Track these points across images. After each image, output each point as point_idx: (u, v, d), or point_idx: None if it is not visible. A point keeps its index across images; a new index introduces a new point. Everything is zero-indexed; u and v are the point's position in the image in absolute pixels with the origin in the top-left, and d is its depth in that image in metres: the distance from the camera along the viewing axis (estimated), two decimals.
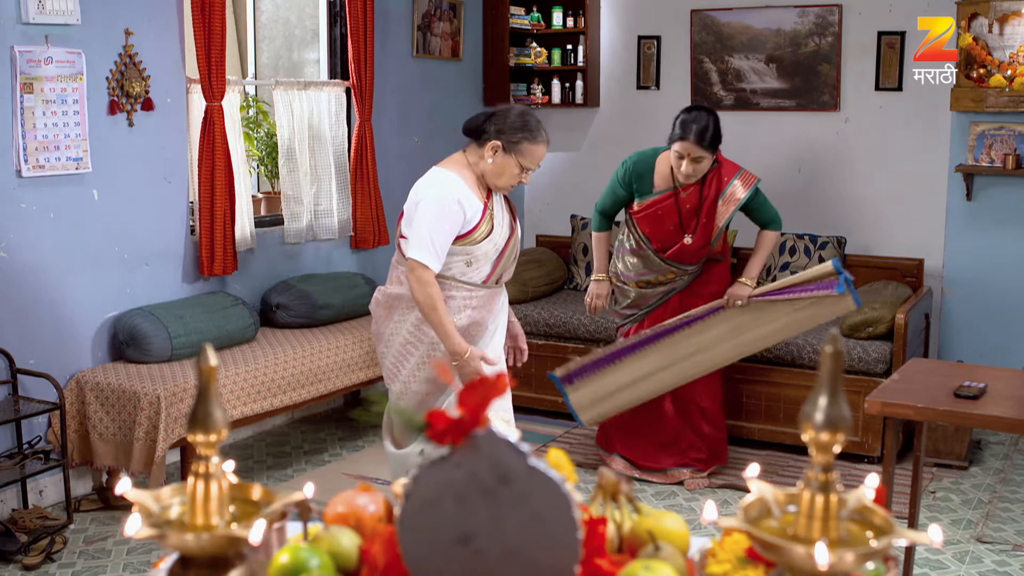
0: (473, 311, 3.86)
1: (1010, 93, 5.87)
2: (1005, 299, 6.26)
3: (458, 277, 3.84)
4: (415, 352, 3.89)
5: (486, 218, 3.83)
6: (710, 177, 5.01)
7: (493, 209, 3.89)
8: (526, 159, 3.83)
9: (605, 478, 1.63)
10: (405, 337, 3.90)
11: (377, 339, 4.02)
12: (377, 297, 3.99)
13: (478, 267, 3.85)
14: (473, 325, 3.86)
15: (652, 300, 5.20)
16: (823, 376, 1.32)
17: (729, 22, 6.91)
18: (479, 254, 3.83)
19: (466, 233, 3.78)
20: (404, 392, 3.92)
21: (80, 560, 4.36)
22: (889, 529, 1.34)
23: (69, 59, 4.73)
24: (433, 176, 3.86)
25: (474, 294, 3.86)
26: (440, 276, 3.79)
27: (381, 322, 3.97)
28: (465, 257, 3.82)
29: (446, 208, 3.73)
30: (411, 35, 6.77)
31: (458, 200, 3.75)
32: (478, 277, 3.87)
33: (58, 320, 4.85)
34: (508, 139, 3.81)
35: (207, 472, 1.39)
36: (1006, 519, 4.81)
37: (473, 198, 3.80)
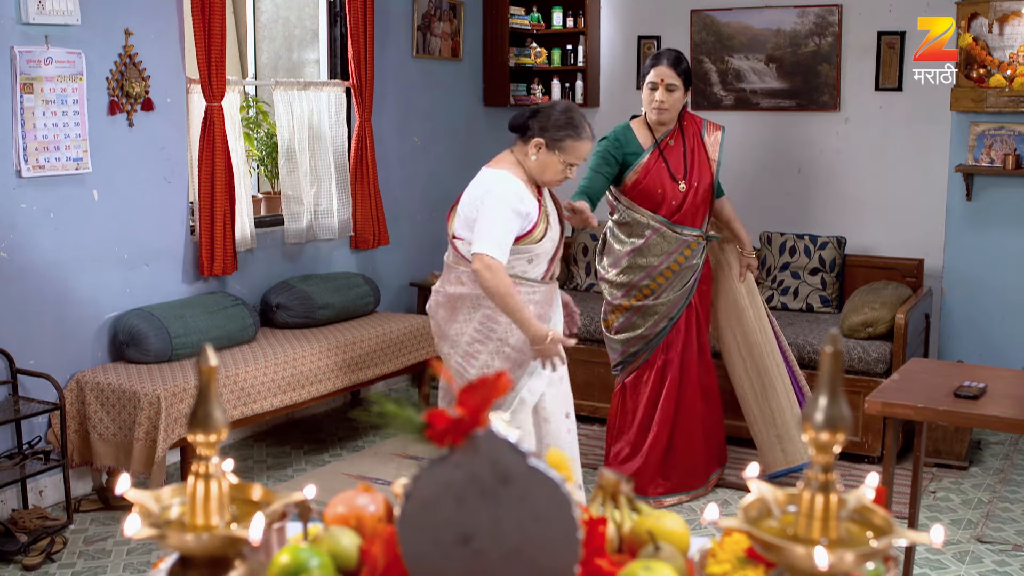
0: (536, 306, 3.92)
1: (1010, 93, 5.87)
2: (1005, 299, 6.26)
3: (520, 275, 3.90)
4: (483, 350, 3.92)
5: (542, 216, 3.89)
6: (686, 124, 4.98)
7: (547, 207, 3.95)
8: (570, 156, 3.87)
9: (605, 478, 1.63)
10: (472, 336, 3.92)
11: (441, 340, 4.03)
12: (437, 299, 4.01)
13: (537, 264, 3.93)
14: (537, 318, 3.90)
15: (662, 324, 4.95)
16: (823, 376, 1.32)
17: (729, 22, 6.91)
18: (540, 251, 3.91)
19: (527, 232, 3.84)
20: None
21: (80, 560, 4.36)
22: (889, 529, 1.34)
23: (69, 59, 4.73)
24: (491, 176, 3.89)
25: (536, 289, 3.94)
26: None
27: (444, 323, 3.99)
28: (527, 255, 3.88)
29: (510, 206, 3.78)
30: (411, 35, 6.77)
31: (520, 198, 3.81)
32: (536, 274, 3.94)
33: (58, 320, 4.85)
34: (552, 136, 3.84)
35: (207, 472, 1.39)
36: (1006, 519, 4.81)
37: (529, 196, 3.85)
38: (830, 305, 6.29)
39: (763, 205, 6.77)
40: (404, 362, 5.88)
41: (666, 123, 4.89)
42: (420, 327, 6.02)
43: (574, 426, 4.21)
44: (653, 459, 4.96)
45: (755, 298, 5.19)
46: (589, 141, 3.94)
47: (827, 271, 6.31)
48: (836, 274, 6.34)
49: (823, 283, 6.30)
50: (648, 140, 4.92)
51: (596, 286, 6.93)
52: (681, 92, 4.84)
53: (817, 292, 6.30)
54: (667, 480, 5.01)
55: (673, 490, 5.02)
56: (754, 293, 5.20)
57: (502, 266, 3.74)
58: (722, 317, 5.20)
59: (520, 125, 3.93)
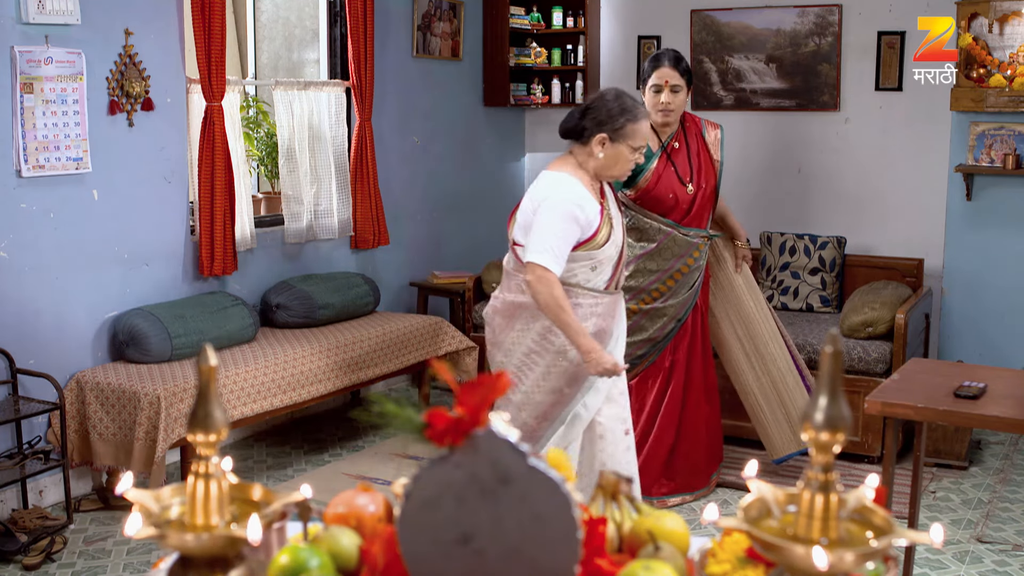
0: (599, 318, 3.79)
1: (1010, 93, 5.87)
2: (1005, 299, 6.26)
3: (583, 284, 3.77)
4: (540, 362, 3.80)
5: (604, 220, 3.77)
6: (688, 125, 4.95)
7: (609, 210, 3.83)
8: (634, 140, 3.76)
9: (605, 478, 1.63)
10: (529, 346, 3.81)
11: (495, 348, 3.91)
12: (495, 305, 3.90)
13: (601, 271, 3.80)
14: (599, 332, 3.79)
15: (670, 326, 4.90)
16: (823, 376, 1.32)
17: (729, 22, 6.92)
18: (603, 258, 3.77)
19: (589, 238, 3.72)
20: (526, 403, 3.82)
21: (80, 560, 4.36)
22: (889, 529, 1.34)
23: (69, 59, 4.73)
24: (551, 179, 3.78)
25: (599, 300, 3.80)
26: (566, 284, 3.71)
27: (500, 331, 3.87)
28: (589, 262, 3.75)
29: (567, 212, 3.66)
30: (411, 35, 6.77)
31: (578, 203, 3.68)
32: (600, 283, 3.81)
33: (58, 320, 4.85)
34: (612, 128, 3.73)
35: (207, 472, 1.39)
36: (1006, 519, 4.81)
37: (591, 200, 3.73)
38: (830, 305, 6.29)
39: (763, 205, 6.77)
40: (404, 362, 5.88)
41: (671, 125, 4.86)
42: (420, 327, 6.02)
43: (632, 443, 4.08)
44: (657, 460, 4.95)
45: (753, 289, 5.19)
46: (646, 118, 3.84)
47: (827, 271, 6.31)
48: (836, 274, 6.34)
49: (823, 283, 6.30)
50: (654, 144, 4.85)
51: None
52: (684, 92, 4.82)
53: (817, 292, 6.30)
54: (671, 480, 5.01)
55: (677, 490, 5.01)
56: (752, 284, 5.20)
57: (555, 277, 3.62)
58: (719, 310, 5.18)
59: (573, 128, 3.81)
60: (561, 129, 3.86)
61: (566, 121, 3.85)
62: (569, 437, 3.88)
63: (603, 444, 3.94)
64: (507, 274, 3.90)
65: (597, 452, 3.94)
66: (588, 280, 3.77)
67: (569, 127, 3.82)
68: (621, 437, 3.98)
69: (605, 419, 3.93)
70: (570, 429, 3.86)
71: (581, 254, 3.71)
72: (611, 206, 3.85)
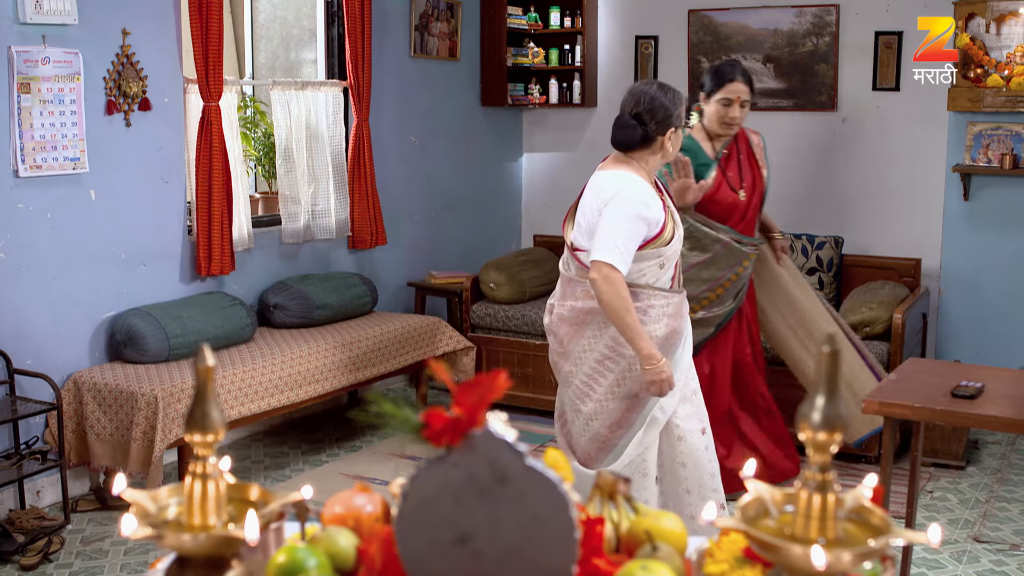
0: (670, 319, 3.71)
1: (1007, 93, 5.87)
2: (1002, 299, 6.27)
3: (653, 284, 3.70)
4: (614, 368, 3.71)
5: (668, 215, 3.72)
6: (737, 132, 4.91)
7: (670, 207, 3.79)
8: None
9: (603, 478, 1.63)
10: (602, 353, 3.72)
11: (562, 358, 3.82)
12: (560, 313, 3.81)
13: (668, 268, 3.74)
14: (672, 334, 3.72)
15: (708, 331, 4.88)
16: (821, 376, 1.32)
17: (726, 22, 6.92)
18: (670, 254, 3.72)
19: (656, 235, 3.66)
20: (599, 412, 3.74)
21: (77, 560, 4.36)
22: (886, 529, 1.34)
23: (66, 59, 4.73)
24: (613, 178, 3.70)
25: (669, 300, 3.72)
26: (636, 285, 3.66)
27: (568, 340, 3.78)
28: (658, 260, 3.69)
29: (635, 210, 3.59)
30: (408, 35, 6.77)
31: (644, 201, 3.63)
32: (667, 281, 3.75)
33: (55, 320, 4.84)
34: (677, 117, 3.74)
35: (204, 472, 1.39)
36: (1003, 519, 4.82)
37: (655, 198, 3.69)
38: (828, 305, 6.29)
39: None
40: (402, 362, 5.88)
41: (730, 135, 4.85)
42: (417, 327, 6.02)
43: (711, 442, 3.97)
44: None
45: (797, 277, 5.21)
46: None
47: (825, 271, 6.31)
48: (834, 274, 6.34)
49: (821, 283, 6.30)
50: (711, 152, 4.84)
51: None
52: (749, 106, 4.81)
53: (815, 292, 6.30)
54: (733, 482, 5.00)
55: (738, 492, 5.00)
56: (795, 273, 5.22)
57: (621, 277, 3.54)
58: (769, 307, 5.15)
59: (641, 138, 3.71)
60: (624, 144, 3.74)
61: (625, 134, 3.73)
62: (646, 441, 3.78)
63: (683, 446, 3.85)
64: (569, 281, 3.81)
65: (677, 454, 3.85)
66: (657, 279, 3.71)
67: (635, 139, 3.72)
68: (699, 437, 3.89)
69: (681, 420, 3.84)
70: (647, 433, 3.77)
71: (649, 252, 3.65)
72: (670, 202, 3.83)
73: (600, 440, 3.77)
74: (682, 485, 3.86)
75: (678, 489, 3.87)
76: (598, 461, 3.78)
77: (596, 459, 3.79)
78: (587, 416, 3.76)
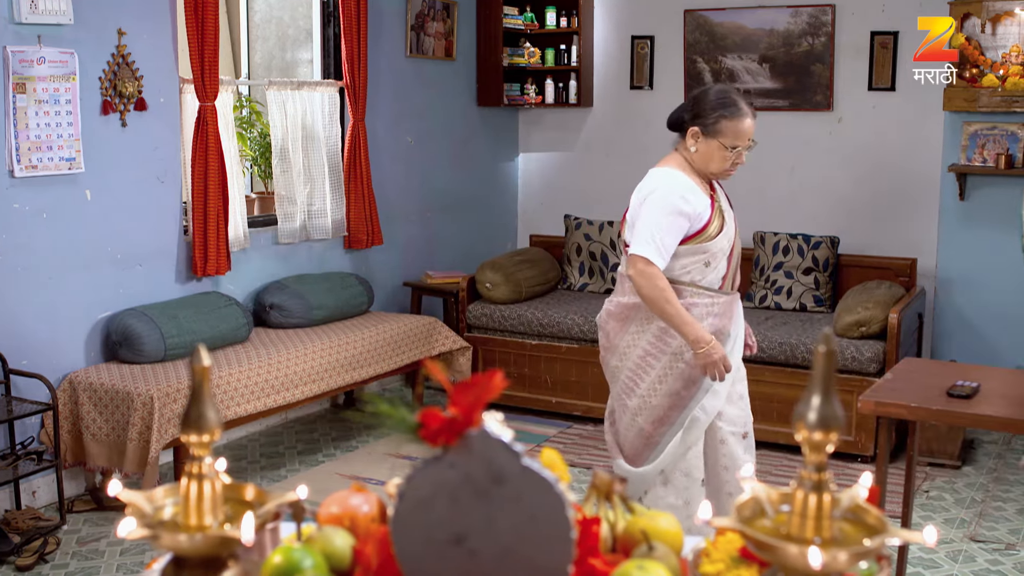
0: (716, 319, 3.64)
1: (1002, 93, 5.88)
2: (998, 299, 6.27)
3: (698, 282, 3.64)
4: (656, 364, 3.68)
5: (716, 211, 3.63)
6: None
7: (720, 203, 3.70)
8: (728, 138, 3.55)
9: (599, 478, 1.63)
10: (645, 348, 3.69)
11: (609, 353, 3.80)
12: (609, 308, 3.79)
13: (715, 267, 3.66)
14: (716, 333, 3.63)
15: None
16: (816, 376, 1.32)
17: (722, 22, 6.92)
18: (716, 251, 3.63)
19: (700, 230, 3.59)
20: (643, 407, 3.72)
21: (73, 561, 4.35)
22: (882, 528, 1.34)
23: (62, 59, 4.72)
24: (654, 174, 3.67)
25: (715, 300, 3.66)
26: (679, 283, 3.61)
27: (615, 335, 3.77)
28: (702, 256, 3.62)
29: (671, 204, 3.55)
30: (404, 35, 6.76)
31: (682, 195, 3.56)
32: (715, 280, 3.67)
33: (51, 320, 4.84)
34: (704, 122, 3.57)
35: (200, 472, 1.38)
36: (999, 518, 4.82)
37: (699, 192, 3.61)
38: (823, 305, 6.30)
39: (756, 205, 6.77)
40: (398, 362, 5.88)
41: None
42: (414, 327, 6.02)
43: (752, 445, 3.89)
44: None
45: None
46: (746, 117, 3.58)
47: (820, 271, 6.32)
48: (829, 274, 6.34)
49: (816, 283, 6.31)
50: None
51: (589, 286, 6.94)
52: None
53: (810, 292, 6.31)
54: None
55: None
56: None
57: (657, 270, 3.52)
58: None
59: (676, 120, 3.68)
60: (668, 122, 3.75)
61: (672, 114, 3.74)
62: (688, 441, 3.74)
63: (725, 449, 3.78)
64: (620, 277, 3.80)
65: (720, 457, 3.79)
66: (702, 278, 3.64)
67: (673, 119, 3.71)
68: (740, 440, 3.81)
69: (725, 423, 3.77)
70: (688, 433, 3.72)
71: (693, 247, 3.59)
72: (722, 199, 3.74)
73: (644, 436, 3.76)
74: (724, 488, 3.84)
75: (720, 493, 3.85)
76: (643, 458, 3.77)
77: (641, 456, 3.77)
78: (632, 411, 3.76)
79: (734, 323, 3.70)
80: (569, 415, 6.27)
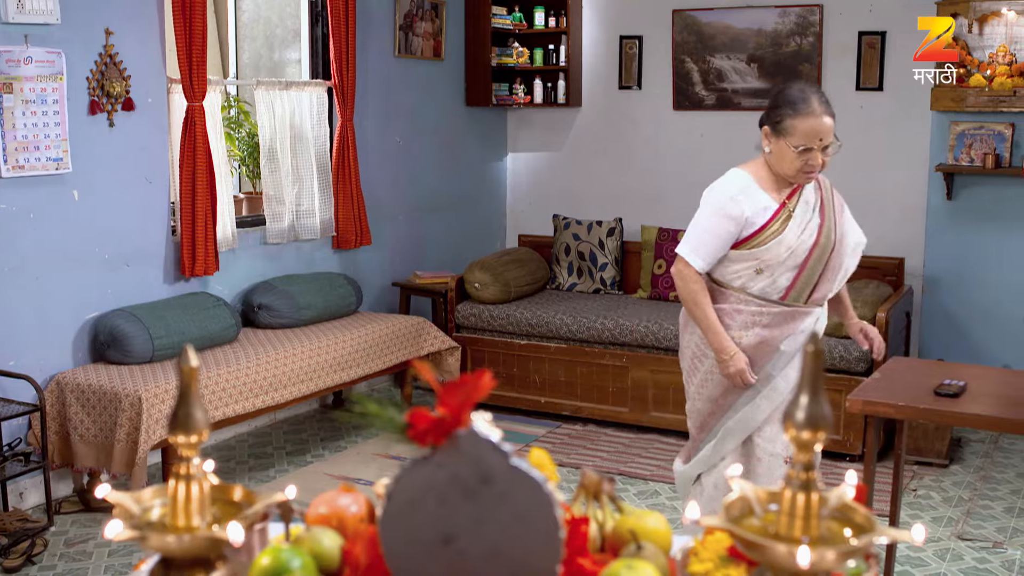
0: (763, 329, 3.47)
1: (989, 93, 5.90)
2: (985, 298, 6.30)
3: (748, 289, 3.48)
4: (700, 368, 3.62)
5: (779, 218, 3.43)
6: None
7: (794, 209, 3.47)
8: (795, 138, 3.36)
9: (587, 477, 1.63)
10: (693, 351, 3.63)
11: (680, 353, 3.76)
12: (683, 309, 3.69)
13: (773, 276, 3.46)
14: (761, 344, 3.48)
15: None
16: (804, 375, 1.33)
17: (710, 22, 6.93)
18: (769, 258, 3.43)
19: (752, 234, 3.43)
20: (691, 409, 3.68)
21: (61, 562, 4.34)
22: (870, 527, 1.34)
23: (49, 59, 4.71)
24: (725, 174, 3.55)
25: (766, 310, 3.47)
26: (727, 287, 3.51)
27: (680, 334, 3.72)
28: (753, 263, 3.45)
29: (718, 205, 3.44)
30: (393, 35, 6.76)
31: (733, 197, 3.43)
32: (774, 290, 3.47)
33: (38, 321, 4.82)
34: (773, 121, 3.41)
35: (188, 473, 1.38)
36: (986, 516, 4.84)
37: (760, 195, 3.44)
38: None
39: None
40: (386, 362, 5.88)
41: None
42: (402, 327, 6.01)
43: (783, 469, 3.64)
44: None
45: None
46: (814, 116, 3.37)
47: None
48: None
49: None
50: None
51: (578, 286, 6.95)
52: None
53: None
54: None
55: None
56: None
57: (693, 273, 3.44)
58: None
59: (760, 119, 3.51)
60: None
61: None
62: (721, 451, 3.64)
63: (761, 467, 3.58)
64: None
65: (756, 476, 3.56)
66: (753, 285, 3.47)
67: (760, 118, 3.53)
68: (779, 465, 3.58)
69: (765, 441, 3.58)
70: (722, 443, 3.62)
71: (743, 252, 3.45)
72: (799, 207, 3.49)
73: (693, 441, 3.74)
74: None
75: None
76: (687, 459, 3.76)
77: (688, 457, 3.76)
78: (687, 411, 3.75)
79: (790, 337, 3.51)
80: (558, 415, 6.27)
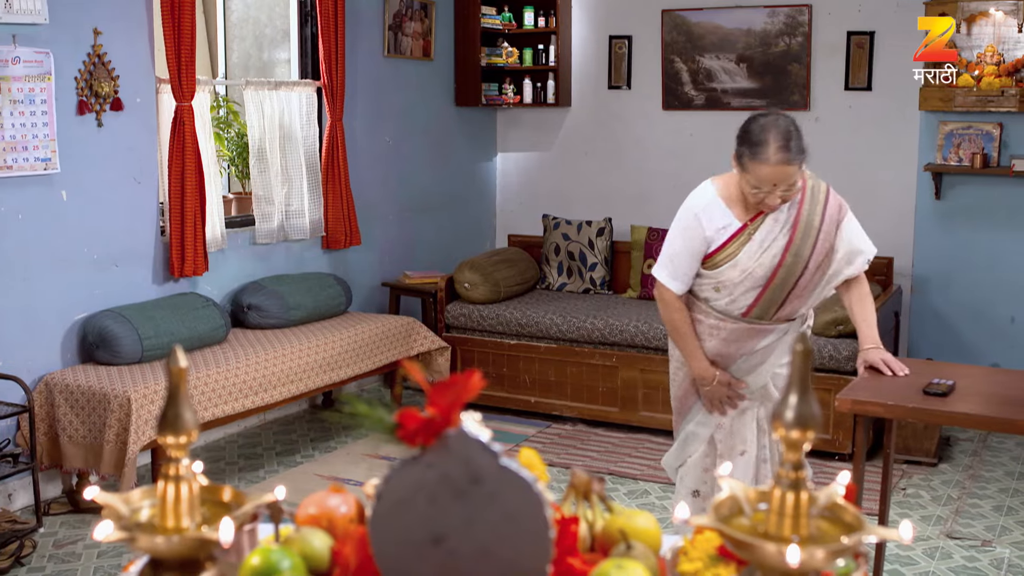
0: (720, 343, 3.46)
1: (978, 93, 5.91)
2: (973, 297, 6.32)
3: (711, 302, 3.45)
4: (679, 375, 3.63)
5: (736, 240, 3.35)
6: None
7: (756, 230, 3.34)
8: (751, 177, 3.21)
9: (577, 477, 1.63)
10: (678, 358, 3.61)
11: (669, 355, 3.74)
12: None
13: (732, 296, 3.40)
14: (717, 356, 3.49)
15: None
16: (793, 374, 1.33)
17: (700, 22, 6.94)
18: (724, 280, 3.38)
19: (710, 254, 3.37)
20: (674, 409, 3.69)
21: (50, 564, 4.32)
22: (859, 526, 1.34)
23: (37, 59, 4.69)
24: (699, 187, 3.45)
25: (723, 325, 3.44)
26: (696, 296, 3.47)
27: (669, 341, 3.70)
28: (711, 282, 3.41)
29: (683, 223, 3.38)
30: (382, 35, 6.75)
31: (696, 215, 3.35)
32: (735, 308, 3.42)
33: (26, 322, 4.80)
34: (737, 152, 3.27)
35: (178, 474, 1.38)
36: (975, 515, 4.85)
37: (723, 214, 3.34)
38: None
39: None
40: (376, 363, 5.87)
41: None
42: (392, 328, 6.01)
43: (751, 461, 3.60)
44: None
45: None
46: (767, 165, 3.13)
47: None
48: None
49: None
50: None
51: (568, 286, 6.95)
52: None
53: None
54: None
55: None
56: None
57: (670, 295, 3.40)
58: None
59: None
60: None
61: None
62: (685, 453, 3.66)
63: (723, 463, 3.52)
64: None
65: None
66: (716, 299, 3.43)
67: None
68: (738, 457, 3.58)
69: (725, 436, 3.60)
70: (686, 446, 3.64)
71: (702, 271, 3.41)
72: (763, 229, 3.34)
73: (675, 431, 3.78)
74: None
75: None
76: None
77: None
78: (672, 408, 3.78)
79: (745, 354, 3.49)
80: (548, 415, 6.28)
